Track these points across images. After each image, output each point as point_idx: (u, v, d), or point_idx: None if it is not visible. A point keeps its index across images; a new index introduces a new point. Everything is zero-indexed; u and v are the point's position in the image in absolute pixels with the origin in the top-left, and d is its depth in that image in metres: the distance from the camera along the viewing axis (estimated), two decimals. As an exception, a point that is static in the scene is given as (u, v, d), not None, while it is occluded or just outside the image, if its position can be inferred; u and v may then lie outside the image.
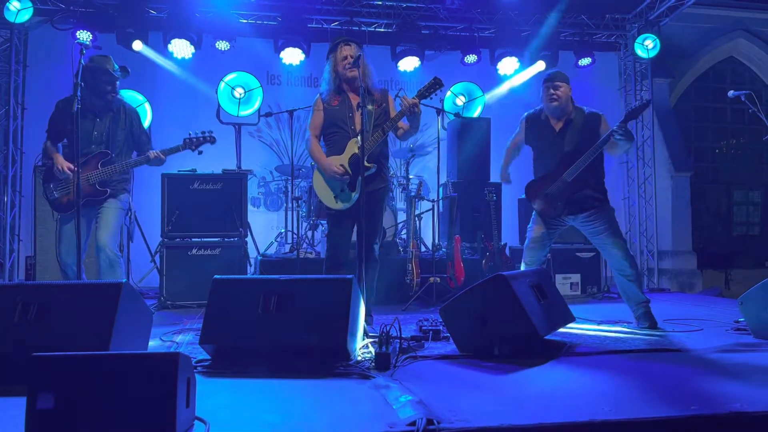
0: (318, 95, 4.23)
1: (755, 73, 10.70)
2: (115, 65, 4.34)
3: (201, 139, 4.45)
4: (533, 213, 4.44)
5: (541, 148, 4.42)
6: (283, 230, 6.83)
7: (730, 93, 4.71)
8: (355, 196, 3.97)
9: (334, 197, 4.06)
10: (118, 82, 4.37)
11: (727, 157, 10.88)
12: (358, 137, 3.79)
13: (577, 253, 6.55)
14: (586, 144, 4.22)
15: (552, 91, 4.29)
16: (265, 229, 7.66)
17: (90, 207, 4.24)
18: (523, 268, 4.39)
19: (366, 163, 3.81)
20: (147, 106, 7.04)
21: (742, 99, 4.62)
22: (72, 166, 4.06)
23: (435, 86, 3.97)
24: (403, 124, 4.09)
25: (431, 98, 4.11)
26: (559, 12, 7.89)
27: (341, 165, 4.04)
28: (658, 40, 7.95)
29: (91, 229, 4.37)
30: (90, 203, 4.23)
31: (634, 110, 4.20)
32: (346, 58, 4.05)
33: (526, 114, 4.55)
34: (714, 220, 10.69)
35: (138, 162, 4.39)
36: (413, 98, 3.94)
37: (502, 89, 8.46)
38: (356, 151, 3.93)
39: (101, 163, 4.23)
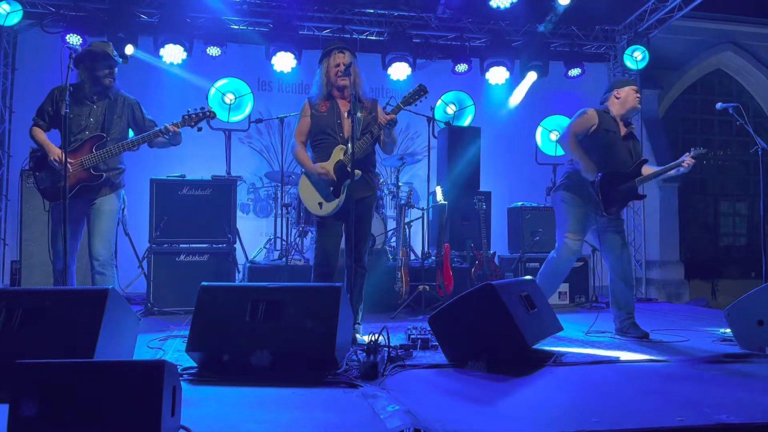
0: (306, 100, 4.19)
1: (742, 85, 10.82)
2: (115, 51, 4.22)
3: (200, 114, 4.25)
4: (576, 209, 4.34)
5: (608, 144, 4.36)
6: (272, 237, 6.81)
7: (718, 105, 4.77)
8: (338, 202, 3.94)
9: (318, 203, 4.02)
10: (116, 69, 4.22)
11: (714, 168, 10.98)
12: (348, 144, 3.77)
13: (566, 263, 6.56)
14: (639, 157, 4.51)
15: (638, 95, 4.46)
16: (254, 236, 7.63)
17: (83, 197, 4.06)
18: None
19: (350, 170, 3.79)
20: (137, 110, 7.01)
21: (730, 111, 4.68)
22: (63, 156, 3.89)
23: (419, 93, 3.95)
24: (383, 134, 4.06)
25: (417, 105, 4.08)
26: (549, 23, 7.94)
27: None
28: (647, 52, 8.03)
29: (82, 224, 4.18)
30: (84, 191, 4.05)
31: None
32: (338, 65, 4.01)
33: (591, 108, 4.48)
34: (701, 230, 10.77)
35: (138, 141, 4.14)
36: (391, 111, 3.94)
37: (493, 99, 8.50)
38: (341, 157, 3.93)
39: (96, 146, 4.06)
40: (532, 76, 8.15)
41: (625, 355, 3.57)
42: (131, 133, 4.36)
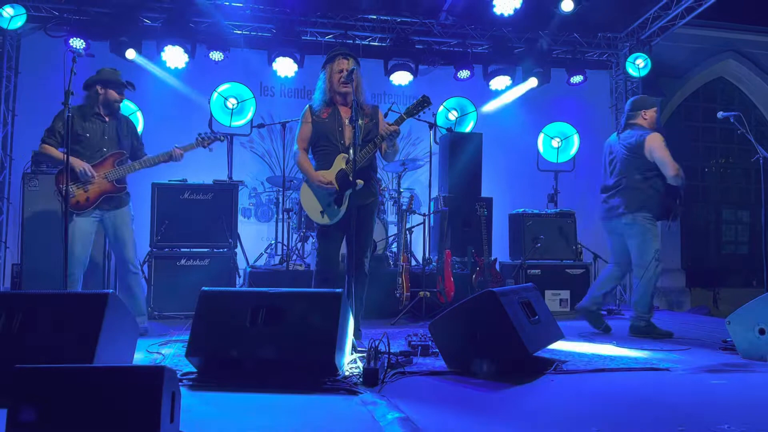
0: (307, 106, 4.18)
1: (744, 93, 10.82)
2: (123, 80, 4.65)
3: (213, 137, 4.79)
4: (656, 225, 4.85)
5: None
6: (273, 242, 6.81)
7: (720, 114, 4.77)
8: (341, 211, 3.93)
9: (320, 212, 4.01)
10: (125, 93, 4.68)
11: (716, 176, 10.97)
12: (350, 151, 3.77)
13: (567, 270, 6.56)
14: None
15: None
16: (255, 241, 7.62)
17: (102, 207, 4.40)
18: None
19: (352, 179, 3.78)
20: (139, 115, 7.01)
21: (732, 120, 4.67)
22: (91, 168, 4.34)
23: (423, 104, 3.96)
24: (385, 144, 4.07)
25: (423, 113, 4.10)
26: (552, 30, 7.95)
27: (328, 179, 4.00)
28: (649, 60, 8.03)
29: (95, 233, 4.47)
30: (105, 201, 4.42)
31: None
32: (342, 71, 4.01)
33: (656, 133, 4.87)
34: (703, 238, 10.75)
35: (158, 159, 4.55)
36: (394, 122, 3.95)
37: (495, 105, 8.50)
38: (343, 166, 3.93)
39: (117, 162, 4.48)
40: (531, 83, 8.15)
41: (625, 363, 3.56)
42: None
